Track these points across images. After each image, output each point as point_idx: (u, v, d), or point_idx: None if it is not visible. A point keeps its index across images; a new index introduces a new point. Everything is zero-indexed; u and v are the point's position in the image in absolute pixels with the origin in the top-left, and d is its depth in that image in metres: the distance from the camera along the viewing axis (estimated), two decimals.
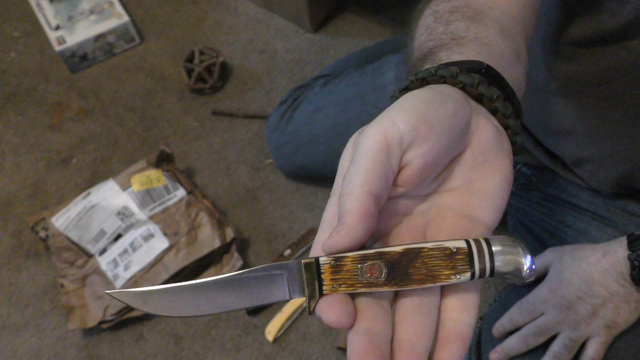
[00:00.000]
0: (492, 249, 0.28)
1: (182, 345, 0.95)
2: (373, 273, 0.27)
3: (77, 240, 0.98)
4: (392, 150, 0.29)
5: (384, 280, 0.27)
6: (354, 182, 0.28)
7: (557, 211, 0.74)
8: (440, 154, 0.30)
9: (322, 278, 0.27)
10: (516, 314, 0.66)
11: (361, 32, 1.26)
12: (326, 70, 1.02)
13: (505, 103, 0.34)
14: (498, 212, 0.32)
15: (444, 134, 0.30)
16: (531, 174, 0.77)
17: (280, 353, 0.93)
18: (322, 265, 0.28)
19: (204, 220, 0.99)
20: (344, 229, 0.27)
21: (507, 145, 0.33)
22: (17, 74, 1.25)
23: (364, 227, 0.27)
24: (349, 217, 0.27)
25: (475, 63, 0.35)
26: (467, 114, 0.31)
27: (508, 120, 0.34)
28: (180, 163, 1.10)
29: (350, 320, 0.27)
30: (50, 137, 1.16)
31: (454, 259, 0.28)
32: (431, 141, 0.29)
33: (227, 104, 1.18)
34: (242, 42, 1.26)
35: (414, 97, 0.31)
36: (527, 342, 0.64)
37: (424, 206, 0.32)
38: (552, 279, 0.63)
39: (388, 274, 0.27)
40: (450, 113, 0.30)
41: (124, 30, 1.23)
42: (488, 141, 0.32)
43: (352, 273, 0.27)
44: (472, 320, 0.29)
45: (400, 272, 0.28)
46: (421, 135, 0.29)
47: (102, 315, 0.92)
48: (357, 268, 0.27)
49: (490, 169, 0.32)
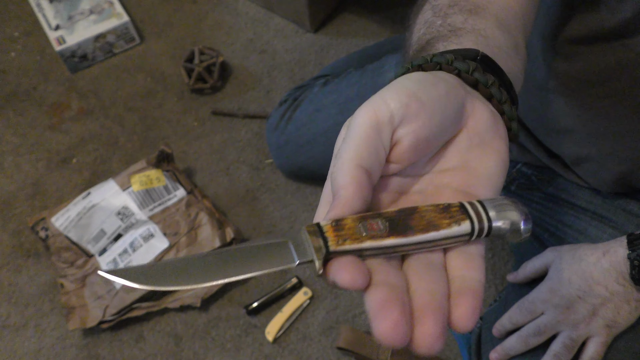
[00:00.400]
0: (486, 206, 0.29)
1: (182, 345, 0.95)
2: (375, 227, 0.27)
3: (77, 240, 0.98)
4: (382, 127, 0.29)
5: (387, 232, 0.27)
6: (344, 157, 0.28)
7: (557, 211, 0.74)
8: (433, 131, 0.30)
9: (326, 236, 0.27)
10: (516, 314, 0.66)
11: (361, 32, 1.26)
12: (326, 70, 1.02)
13: (500, 89, 0.34)
14: (495, 190, 0.32)
15: (436, 112, 0.30)
16: (531, 174, 0.77)
17: (280, 353, 0.93)
18: (324, 227, 0.28)
19: (204, 220, 0.99)
20: (340, 202, 0.28)
21: (503, 128, 0.33)
22: (17, 74, 1.25)
23: (359, 199, 0.28)
24: (343, 190, 0.28)
25: (471, 51, 0.35)
26: (460, 95, 0.32)
27: (503, 106, 0.34)
28: (180, 163, 1.10)
29: (365, 280, 0.26)
30: (50, 137, 1.16)
31: (449, 211, 0.29)
32: (422, 118, 0.30)
33: (227, 104, 1.18)
34: (242, 42, 1.26)
35: (406, 79, 0.31)
36: (527, 341, 0.64)
37: (421, 185, 0.33)
38: (552, 279, 0.63)
39: (390, 227, 0.28)
40: (442, 93, 0.30)
41: (124, 30, 1.23)
42: (484, 123, 0.32)
43: (354, 229, 0.27)
44: (480, 276, 0.29)
45: (401, 224, 0.28)
46: (412, 112, 0.29)
47: (102, 315, 0.92)
48: (358, 226, 0.27)
49: (486, 150, 0.32)
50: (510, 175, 0.79)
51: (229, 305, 0.97)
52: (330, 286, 0.28)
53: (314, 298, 0.97)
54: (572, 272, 0.62)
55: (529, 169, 0.77)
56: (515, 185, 0.79)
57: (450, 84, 0.32)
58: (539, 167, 0.76)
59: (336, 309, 0.96)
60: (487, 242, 0.33)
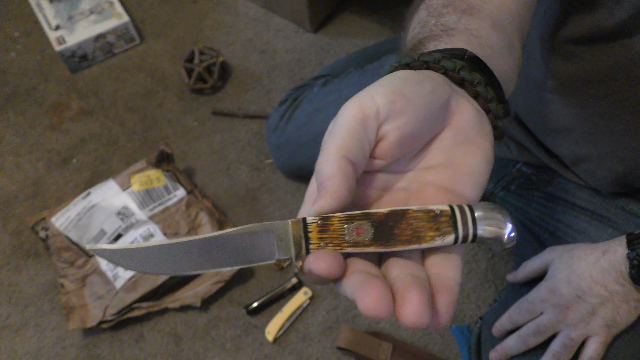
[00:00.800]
0: (475, 214, 0.29)
1: (182, 345, 0.95)
2: (360, 233, 0.28)
3: (77, 240, 0.98)
4: (368, 122, 0.29)
5: (370, 240, 0.28)
6: (330, 149, 0.29)
7: (557, 210, 0.74)
8: (418, 128, 0.31)
9: (309, 237, 0.27)
10: (515, 314, 0.66)
11: (361, 32, 1.26)
12: (326, 70, 1.02)
13: (486, 88, 0.35)
14: (479, 188, 0.32)
15: (421, 108, 0.30)
16: (531, 173, 0.77)
17: (280, 353, 0.93)
18: (310, 224, 0.28)
19: (204, 220, 0.99)
20: (327, 192, 0.28)
21: (488, 127, 0.34)
22: (17, 74, 1.25)
23: (345, 189, 0.28)
24: (329, 181, 0.28)
25: (460, 50, 0.36)
26: (445, 92, 0.32)
27: (489, 104, 0.35)
28: (180, 163, 1.10)
29: (340, 269, 0.27)
30: (50, 137, 1.16)
31: (437, 221, 0.29)
32: (408, 115, 0.30)
33: (227, 104, 1.18)
34: (242, 42, 1.26)
35: (393, 76, 0.32)
36: (527, 341, 0.64)
37: (405, 182, 0.33)
38: (551, 279, 0.63)
39: (374, 234, 0.28)
40: (427, 90, 0.31)
41: (124, 30, 1.23)
42: (468, 121, 0.33)
43: (339, 232, 0.28)
44: (456, 276, 0.29)
45: (386, 232, 0.28)
46: (398, 108, 0.30)
47: (102, 315, 0.92)
48: (344, 228, 0.28)
49: (470, 148, 0.33)
50: (510, 175, 0.79)
51: (229, 305, 0.97)
52: (308, 279, 0.28)
53: (314, 298, 0.97)
54: (571, 271, 0.62)
55: (529, 169, 0.77)
56: (515, 185, 0.79)
57: (436, 82, 0.32)
58: (538, 167, 0.76)
59: (336, 309, 0.96)
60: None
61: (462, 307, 0.95)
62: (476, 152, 0.32)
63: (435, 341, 0.93)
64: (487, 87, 0.35)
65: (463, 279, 0.98)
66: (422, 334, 0.94)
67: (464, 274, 0.98)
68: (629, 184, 0.67)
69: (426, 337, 0.93)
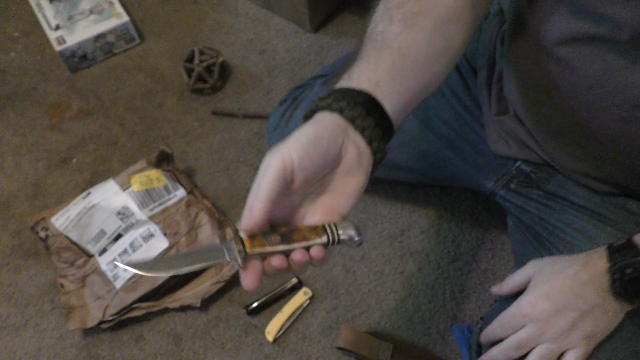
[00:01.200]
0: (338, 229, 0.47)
1: (182, 345, 0.95)
2: (272, 240, 0.45)
3: (77, 240, 0.98)
4: (287, 170, 0.44)
5: (279, 242, 0.45)
6: (261, 189, 0.44)
7: (556, 209, 0.74)
8: (317, 172, 0.46)
9: (244, 244, 0.45)
10: (497, 328, 0.66)
11: (361, 32, 1.26)
12: (326, 69, 1.02)
13: (375, 129, 0.48)
14: (351, 206, 0.48)
15: (319, 162, 0.45)
16: (530, 171, 0.77)
17: (280, 353, 0.93)
18: (244, 238, 0.45)
19: (204, 220, 0.99)
20: (251, 219, 0.44)
21: (366, 162, 0.48)
22: (17, 74, 1.25)
23: (263, 220, 0.44)
24: (256, 213, 0.44)
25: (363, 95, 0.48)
26: (338, 144, 0.46)
27: (372, 144, 0.48)
28: (180, 163, 1.10)
29: (257, 283, 0.46)
30: (50, 137, 1.16)
31: (316, 230, 0.47)
32: (311, 167, 0.45)
33: (227, 104, 1.18)
34: (242, 42, 1.26)
35: (304, 135, 0.46)
36: (508, 355, 0.64)
37: (306, 203, 0.49)
38: (531, 293, 0.64)
39: (281, 239, 0.46)
40: (324, 148, 0.45)
41: (124, 30, 1.23)
42: (351, 162, 0.47)
43: (260, 241, 0.45)
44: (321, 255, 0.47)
45: (288, 237, 0.46)
46: (305, 163, 0.44)
47: (102, 315, 0.92)
48: (263, 238, 0.45)
49: (351, 179, 0.48)
50: (510, 173, 0.79)
51: (229, 305, 0.97)
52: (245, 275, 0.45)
53: (314, 298, 0.97)
54: (551, 286, 0.62)
55: (528, 167, 0.77)
56: (514, 183, 0.79)
57: (332, 137, 0.46)
58: (538, 165, 0.76)
59: (336, 309, 0.96)
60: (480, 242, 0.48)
61: (462, 307, 0.95)
62: (353, 182, 0.48)
63: (435, 341, 0.93)
64: (376, 128, 0.48)
65: (463, 278, 0.98)
66: (422, 334, 0.94)
67: (465, 274, 0.98)
68: (627, 186, 0.67)
69: (426, 337, 0.93)
